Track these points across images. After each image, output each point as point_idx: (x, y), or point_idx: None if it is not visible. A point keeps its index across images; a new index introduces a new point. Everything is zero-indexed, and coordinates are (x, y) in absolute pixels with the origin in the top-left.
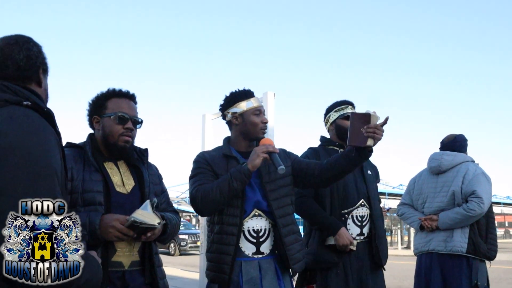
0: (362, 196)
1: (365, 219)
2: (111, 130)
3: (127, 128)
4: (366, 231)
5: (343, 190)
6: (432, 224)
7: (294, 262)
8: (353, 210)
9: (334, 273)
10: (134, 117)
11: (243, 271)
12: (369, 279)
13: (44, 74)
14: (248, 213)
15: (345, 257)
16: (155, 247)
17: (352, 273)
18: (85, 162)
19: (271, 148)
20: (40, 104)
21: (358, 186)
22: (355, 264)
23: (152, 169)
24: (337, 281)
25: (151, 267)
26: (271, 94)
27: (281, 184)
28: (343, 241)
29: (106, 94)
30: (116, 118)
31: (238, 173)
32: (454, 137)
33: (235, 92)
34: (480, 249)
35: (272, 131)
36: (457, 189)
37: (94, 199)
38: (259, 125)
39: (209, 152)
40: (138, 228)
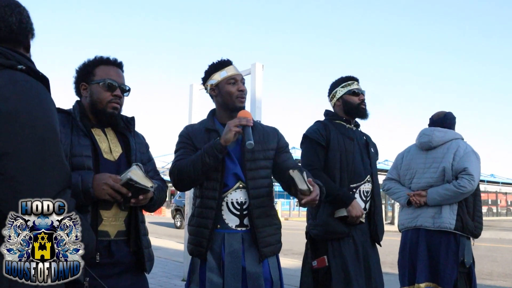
0: (367, 172)
1: (369, 194)
2: (100, 97)
3: (115, 95)
4: (368, 206)
5: (353, 164)
6: (421, 200)
7: (264, 245)
8: (360, 185)
9: (346, 243)
10: (122, 84)
11: (225, 243)
12: (371, 253)
13: (31, 39)
14: (231, 186)
15: (352, 228)
16: (141, 216)
17: (359, 244)
18: (73, 127)
19: (244, 121)
20: (35, 69)
21: (364, 162)
22: (360, 237)
23: (139, 137)
24: (350, 250)
25: (136, 236)
26: (259, 65)
27: (259, 157)
28: (356, 212)
29: (94, 61)
30: (104, 85)
31: (211, 148)
32: (444, 114)
33: (211, 64)
34: (468, 226)
35: (260, 103)
36: (447, 165)
37: (83, 163)
38: (235, 94)
39: (193, 125)
40: (132, 188)
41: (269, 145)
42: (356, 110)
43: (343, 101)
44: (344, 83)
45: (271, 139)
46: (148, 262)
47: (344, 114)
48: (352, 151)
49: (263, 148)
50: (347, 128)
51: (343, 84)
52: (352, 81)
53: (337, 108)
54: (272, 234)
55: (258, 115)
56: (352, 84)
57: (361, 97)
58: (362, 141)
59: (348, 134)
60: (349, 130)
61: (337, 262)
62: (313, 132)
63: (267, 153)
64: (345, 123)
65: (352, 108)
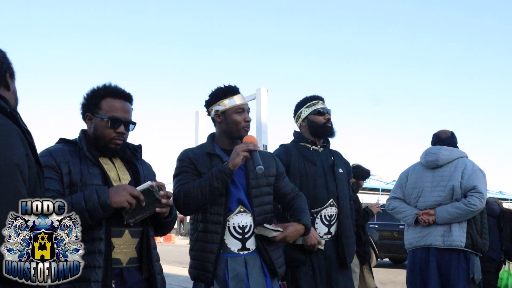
0: (331, 195)
1: (333, 218)
2: (103, 132)
3: (118, 133)
4: (334, 230)
5: (313, 189)
6: (429, 218)
7: (279, 266)
8: (322, 210)
9: (302, 271)
10: (127, 121)
11: (229, 267)
12: (339, 276)
13: (11, 78)
14: (233, 210)
15: (313, 255)
16: (153, 242)
17: (320, 270)
18: (81, 157)
19: (252, 146)
20: (3, 105)
21: (328, 185)
22: (323, 262)
23: (146, 165)
24: (306, 278)
25: (148, 262)
26: (264, 90)
27: (263, 184)
28: (311, 241)
29: (101, 92)
30: (108, 122)
31: (219, 172)
32: (451, 133)
33: (219, 88)
34: (477, 243)
35: (266, 127)
36: (456, 183)
37: None
38: (241, 124)
39: (193, 149)
40: (149, 196)
41: (270, 171)
42: (321, 129)
43: (308, 121)
44: (309, 103)
45: (271, 166)
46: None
47: (310, 135)
48: (313, 176)
49: (265, 174)
50: (311, 151)
51: (308, 104)
52: (317, 101)
53: (302, 129)
54: (281, 255)
55: (264, 139)
56: (317, 104)
57: (326, 116)
58: (329, 162)
59: (311, 158)
60: (314, 152)
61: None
62: None
63: (269, 179)
64: (310, 144)
65: (317, 127)
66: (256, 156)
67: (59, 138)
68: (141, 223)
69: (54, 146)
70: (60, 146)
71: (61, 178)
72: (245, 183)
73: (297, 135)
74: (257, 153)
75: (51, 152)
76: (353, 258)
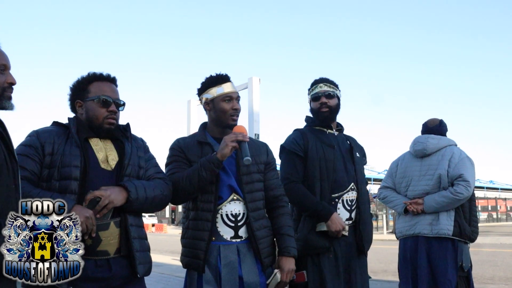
0: (351, 179)
1: (354, 203)
2: (95, 113)
3: (111, 111)
4: (354, 215)
5: (333, 173)
6: (418, 207)
7: (265, 256)
8: (343, 194)
9: (326, 258)
10: (117, 99)
11: (221, 255)
12: (356, 264)
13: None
14: (226, 198)
15: (335, 242)
16: (132, 220)
17: (341, 257)
18: (68, 137)
19: (240, 137)
20: None
21: (348, 169)
22: (344, 249)
23: (137, 141)
24: (329, 267)
25: (127, 239)
26: (256, 79)
27: (254, 170)
28: (336, 227)
29: (87, 78)
30: (99, 101)
31: (208, 162)
32: (440, 121)
33: (209, 77)
34: (465, 232)
35: (258, 116)
36: (443, 172)
37: (70, 173)
38: (229, 112)
39: (184, 138)
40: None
41: (260, 159)
42: (317, 116)
43: (310, 107)
44: (311, 88)
45: (262, 153)
46: (141, 265)
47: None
48: (332, 159)
49: (256, 161)
50: (327, 134)
51: (310, 89)
52: (316, 85)
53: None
54: (270, 244)
55: (256, 128)
56: (315, 88)
57: (322, 99)
58: (346, 146)
59: (328, 141)
60: (330, 136)
61: (315, 279)
62: (290, 143)
63: (260, 166)
64: (325, 128)
65: (315, 114)
66: (244, 147)
67: (52, 121)
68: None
69: (44, 127)
70: (50, 128)
71: (41, 159)
72: (235, 170)
73: (310, 120)
74: (245, 144)
75: (39, 133)
76: (370, 245)
